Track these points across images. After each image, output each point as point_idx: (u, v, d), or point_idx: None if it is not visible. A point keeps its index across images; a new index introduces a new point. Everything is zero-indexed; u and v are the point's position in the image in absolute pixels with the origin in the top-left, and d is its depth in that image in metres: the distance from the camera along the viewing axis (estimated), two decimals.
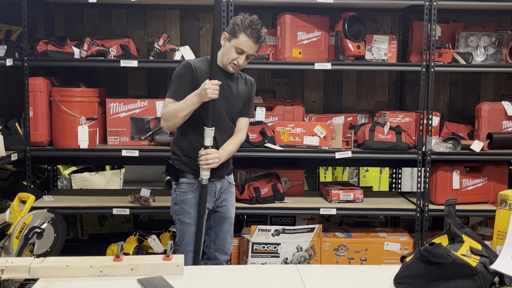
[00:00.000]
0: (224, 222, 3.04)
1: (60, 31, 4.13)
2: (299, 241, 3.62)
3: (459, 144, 3.70)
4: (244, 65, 2.87)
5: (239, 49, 2.79)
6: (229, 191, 3.05)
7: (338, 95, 4.32)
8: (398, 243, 3.72)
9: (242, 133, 3.01)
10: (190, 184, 2.91)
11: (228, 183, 3.05)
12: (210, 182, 2.90)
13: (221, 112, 2.88)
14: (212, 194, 2.95)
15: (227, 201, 3.04)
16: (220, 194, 3.01)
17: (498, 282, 1.81)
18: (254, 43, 2.79)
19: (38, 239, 3.20)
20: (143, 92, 4.23)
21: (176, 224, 2.96)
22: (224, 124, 2.91)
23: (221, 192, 3.01)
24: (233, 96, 2.92)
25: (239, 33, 2.78)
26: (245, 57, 2.81)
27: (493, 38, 3.94)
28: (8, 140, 3.51)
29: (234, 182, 3.13)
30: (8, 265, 1.90)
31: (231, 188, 3.08)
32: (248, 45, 2.78)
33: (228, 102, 2.90)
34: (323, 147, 3.66)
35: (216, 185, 2.98)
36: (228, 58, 2.83)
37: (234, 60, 2.81)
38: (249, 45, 2.78)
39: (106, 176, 5.02)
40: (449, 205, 1.98)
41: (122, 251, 1.98)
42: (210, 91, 2.70)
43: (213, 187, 2.95)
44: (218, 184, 2.98)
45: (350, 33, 3.65)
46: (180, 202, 2.92)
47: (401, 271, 1.82)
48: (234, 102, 2.93)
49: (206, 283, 1.93)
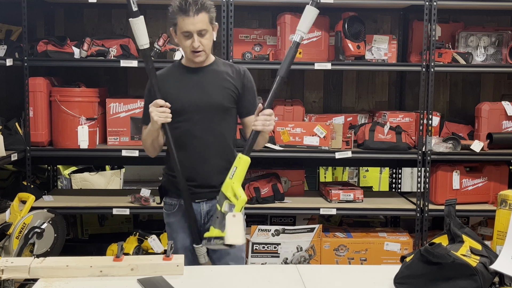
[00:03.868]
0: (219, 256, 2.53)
1: (60, 31, 4.13)
2: (299, 241, 3.62)
3: (459, 144, 3.70)
4: (207, 45, 2.46)
5: (185, 32, 2.42)
6: None
7: (338, 95, 4.32)
8: (398, 243, 3.72)
9: None
10: (171, 206, 2.58)
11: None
12: (194, 203, 2.53)
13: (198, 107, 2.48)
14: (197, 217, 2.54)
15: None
16: (209, 219, 2.53)
17: (498, 282, 1.81)
18: (192, 16, 2.38)
19: (38, 239, 3.20)
20: (143, 92, 4.20)
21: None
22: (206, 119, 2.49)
23: (209, 216, 2.54)
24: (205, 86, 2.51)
25: (175, 19, 2.43)
26: (196, 37, 2.41)
27: (493, 38, 3.94)
28: (8, 140, 3.51)
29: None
30: (8, 265, 1.90)
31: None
32: (187, 22, 2.39)
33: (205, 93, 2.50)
34: (323, 147, 3.66)
35: (202, 207, 2.55)
36: (184, 50, 2.49)
37: (189, 47, 2.43)
38: (189, 21, 2.39)
39: (106, 176, 5.01)
40: (449, 205, 1.98)
41: (122, 251, 1.98)
42: (153, 115, 2.39)
43: (198, 209, 2.54)
44: (204, 206, 2.55)
45: (350, 33, 3.65)
46: (166, 225, 2.63)
47: (401, 271, 1.83)
48: (215, 91, 2.51)
49: (206, 283, 1.93)
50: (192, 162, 2.51)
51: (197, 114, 2.49)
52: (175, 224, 2.58)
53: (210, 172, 2.52)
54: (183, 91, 2.51)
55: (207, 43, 2.46)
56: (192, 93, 2.50)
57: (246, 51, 3.86)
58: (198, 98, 2.49)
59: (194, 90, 2.50)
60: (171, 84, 2.54)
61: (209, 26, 2.45)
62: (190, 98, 2.50)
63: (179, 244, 2.54)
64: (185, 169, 2.50)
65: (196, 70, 2.54)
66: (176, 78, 2.55)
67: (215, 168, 2.52)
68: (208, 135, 2.51)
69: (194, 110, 2.49)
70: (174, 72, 2.58)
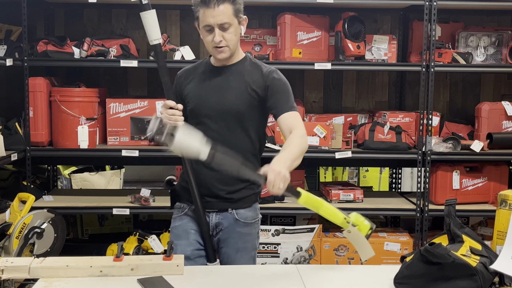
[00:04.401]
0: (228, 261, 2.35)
1: (60, 31, 4.13)
2: (299, 241, 3.62)
3: (459, 144, 3.70)
4: (231, 40, 2.24)
5: (206, 26, 2.22)
6: (234, 231, 2.33)
7: (338, 95, 4.32)
8: (398, 243, 3.72)
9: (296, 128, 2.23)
10: (180, 209, 2.41)
11: (234, 220, 2.33)
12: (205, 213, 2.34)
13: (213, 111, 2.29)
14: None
15: (226, 243, 2.33)
16: (218, 232, 2.35)
17: (498, 282, 1.81)
18: (213, 8, 2.17)
19: (38, 239, 3.20)
20: (143, 92, 4.23)
21: None
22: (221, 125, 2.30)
23: (219, 229, 2.34)
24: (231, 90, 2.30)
25: (197, 12, 2.24)
26: (218, 31, 2.21)
27: (493, 38, 3.94)
28: (8, 140, 3.51)
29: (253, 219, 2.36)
30: (8, 265, 1.90)
31: (240, 227, 2.33)
32: (208, 14, 2.19)
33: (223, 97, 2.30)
34: (323, 147, 3.66)
35: (212, 218, 2.34)
36: (207, 46, 2.28)
37: (211, 42, 2.24)
38: (209, 13, 2.19)
39: (106, 176, 5.01)
40: (449, 205, 1.98)
41: (122, 251, 1.98)
42: (163, 116, 2.18)
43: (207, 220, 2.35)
44: (214, 217, 2.34)
45: (350, 33, 3.65)
46: (171, 229, 2.43)
47: (401, 271, 1.83)
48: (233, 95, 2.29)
49: (206, 283, 1.93)
50: (202, 169, 2.30)
51: (211, 118, 2.29)
52: (179, 229, 2.36)
53: (221, 181, 2.30)
54: (202, 92, 2.33)
55: (231, 38, 2.23)
56: (210, 97, 2.30)
57: (246, 51, 3.84)
58: (215, 103, 2.29)
59: (212, 93, 2.31)
60: (193, 82, 2.37)
61: (233, 19, 2.22)
62: (207, 101, 2.31)
63: (179, 251, 2.27)
64: (196, 175, 2.33)
65: (219, 70, 2.34)
66: (199, 77, 2.37)
67: (226, 178, 2.27)
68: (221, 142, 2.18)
69: (209, 115, 2.30)
70: (200, 70, 2.39)
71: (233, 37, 2.24)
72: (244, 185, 2.33)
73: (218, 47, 2.24)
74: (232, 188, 2.31)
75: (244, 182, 2.31)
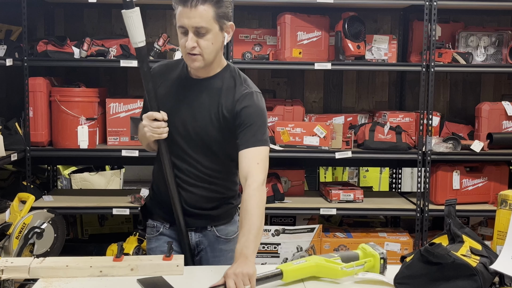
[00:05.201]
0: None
1: (60, 31, 4.13)
2: (299, 241, 3.62)
3: (459, 144, 3.70)
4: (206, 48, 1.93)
5: (181, 28, 1.93)
6: (216, 249, 2.14)
7: (338, 95, 4.32)
8: (398, 243, 3.72)
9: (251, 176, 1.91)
10: (153, 229, 2.18)
11: (215, 237, 2.13)
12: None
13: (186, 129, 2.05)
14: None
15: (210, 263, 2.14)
16: (200, 251, 2.16)
17: (498, 282, 1.81)
18: (189, 8, 1.88)
19: (38, 239, 3.20)
20: (143, 92, 4.19)
21: None
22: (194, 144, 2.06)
23: (200, 248, 2.15)
24: (201, 109, 2.03)
25: (176, 9, 1.95)
26: (192, 35, 1.91)
27: (493, 38, 3.94)
28: (8, 140, 3.51)
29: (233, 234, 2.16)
30: (8, 265, 1.90)
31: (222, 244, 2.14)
32: (184, 14, 1.90)
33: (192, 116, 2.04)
34: (323, 147, 3.66)
35: (191, 236, 2.14)
36: (181, 50, 1.99)
37: (183, 47, 1.95)
38: (185, 13, 1.89)
39: (106, 176, 5.01)
40: (449, 205, 1.98)
41: (122, 251, 1.97)
42: (147, 130, 1.99)
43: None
44: (194, 236, 2.14)
45: (350, 33, 3.65)
46: (148, 251, 2.21)
47: (401, 271, 1.82)
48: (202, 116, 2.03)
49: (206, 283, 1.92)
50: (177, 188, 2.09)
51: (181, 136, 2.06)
52: (157, 251, 2.15)
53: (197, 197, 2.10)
54: (173, 105, 2.07)
55: (207, 46, 1.93)
56: (180, 113, 2.05)
57: (246, 51, 3.86)
58: (184, 122, 2.05)
59: (183, 110, 2.05)
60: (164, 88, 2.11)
61: (212, 24, 1.92)
62: (177, 116, 2.05)
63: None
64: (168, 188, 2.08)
65: (194, 83, 2.06)
66: (172, 84, 2.11)
67: (199, 197, 2.09)
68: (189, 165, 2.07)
69: (178, 132, 2.06)
70: (175, 73, 2.11)
71: (209, 45, 1.93)
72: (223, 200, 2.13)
73: (191, 53, 1.94)
74: (210, 205, 2.11)
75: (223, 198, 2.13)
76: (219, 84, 2.04)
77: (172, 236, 2.16)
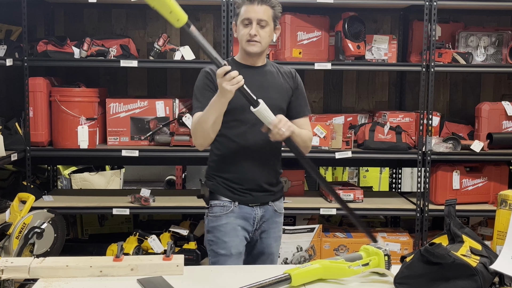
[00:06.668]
0: (262, 258, 2.56)
1: (60, 31, 4.13)
2: (299, 241, 3.62)
3: (459, 144, 3.70)
4: (264, 38, 2.40)
5: (245, 20, 2.39)
6: (273, 221, 2.55)
7: (338, 95, 4.32)
8: (398, 243, 3.72)
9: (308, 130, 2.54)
10: (224, 207, 2.47)
11: (273, 211, 2.54)
12: (248, 207, 2.48)
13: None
14: (250, 222, 2.49)
15: (268, 234, 2.54)
16: (261, 224, 2.52)
17: (498, 282, 1.81)
18: (256, 5, 2.38)
19: (38, 239, 3.20)
20: (143, 92, 4.23)
21: (209, 256, 2.53)
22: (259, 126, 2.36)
23: (262, 221, 2.52)
24: (267, 88, 2.45)
25: (240, 8, 2.42)
26: (255, 25, 2.37)
27: (493, 38, 3.94)
28: (8, 140, 3.51)
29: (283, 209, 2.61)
30: (8, 265, 1.90)
31: (277, 217, 2.57)
32: (250, 9, 2.38)
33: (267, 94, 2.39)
34: (323, 147, 3.66)
35: (256, 211, 2.50)
36: (241, 39, 2.41)
37: (246, 35, 2.39)
38: (252, 9, 2.37)
39: (106, 176, 5.01)
40: (449, 205, 1.98)
41: (122, 251, 1.98)
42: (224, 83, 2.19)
43: (252, 214, 2.49)
44: (258, 210, 2.51)
45: (350, 33, 3.65)
46: (213, 230, 2.49)
47: (401, 271, 1.82)
48: (276, 93, 2.46)
49: (206, 283, 1.93)
50: (245, 165, 2.46)
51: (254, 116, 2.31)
52: (228, 226, 2.46)
53: (263, 176, 2.49)
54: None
55: (265, 36, 2.41)
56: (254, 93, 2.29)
57: None
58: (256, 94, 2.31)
59: (256, 91, 2.32)
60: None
61: (270, 21, 2.42)
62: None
63: (233, 250, 2.46)
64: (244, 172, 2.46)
65: (254, 69, 2.48)
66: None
67: (268, 172, 2.51)
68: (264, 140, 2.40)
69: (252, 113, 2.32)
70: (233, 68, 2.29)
71: (266, 36, 2.41)
72: (279, 178, 2.57)
73: (251, 40, 2.38)
74: (272, 182, 2.53)
75: (279, 173, 2.57)
76: (273, 69, 2.53)
77: (241, 213, 2.48)
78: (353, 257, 1.94)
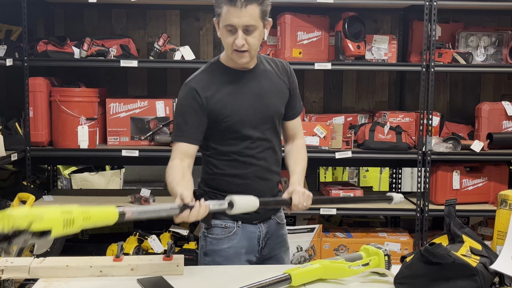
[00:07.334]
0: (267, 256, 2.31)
1: (60, 31, 4.13)
2: (299, 241, 3.62)
3: (459, 144, 3.70)
4: (253, 45, 2.04)
5: (228, 26, 2.01)
6: (278, 235, 2.31)
7: (338, 95, 4.32)
8: (398, 243, 3.72)
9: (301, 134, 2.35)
10: (226, 229, 2.19)
11: (276, 224, 2.31)
12: (252, 225, 2.22)
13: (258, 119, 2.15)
14: (254, 242, 2.24)
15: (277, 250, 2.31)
16: (267, 241, 2.27)
17: (498, 282, 1.81)
18: (240, 8, 1.97)
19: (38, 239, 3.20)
20: (143, 92, 4.23)
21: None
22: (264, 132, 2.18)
23: (267, 238, 2.27)
24: (266, 94, 2.17)
25: (220, 8, 2.02)
26: (241, 34, 2.00)
27: (493, 38, 3.94)
28: (8, 140, 3.51)
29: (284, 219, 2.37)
30: (8, 265, 1.90)
31: (281, 229, 2.33)
32: (233, 14, 1.98)
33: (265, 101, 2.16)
34: (323, 147, 3.66)
35: (260, 228, 2.25)
36: (226, 47, 2.08)
37: (232, 44, 2.03)
38: (235, 13, 1.98)
39: (106, 176, 5.01)
40: (449, 205, 1.98)
41: (122, 251, 1.98)
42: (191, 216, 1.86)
43: (256, 232, 2.23)
44: (263, 227, 2.25)
45: (350, 33, 3.65)
46: (212, 253, 2.20)
47: (401, 271, 1.82)
48: (270, 101, 2.18)
49: (206, 283, 1.93)
50: (248, 182, 2.19)
51: (256, 128, 2.15)
52: (231, 250, 2.19)
53: (268, 189, 2.25)
54: (243, 103, 2.13)
55: (254, 43, 2.04)
56: (252, 103, 2.12)
57: None
58: (261, 111, 2.14)
59: (253, 99, 2.13)
60: (221, 93, 2.11)
61: (259, 22, 2.02)
62: (251, 109, 2.13)
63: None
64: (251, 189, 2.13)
65: (246, 74, 2.15)
66: (224, 85, 2.12)
67: (272, 185, 2.27)
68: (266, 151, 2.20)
69: (254, 125, 2.14)
70: (217, 76, 2.13)
71: (256, 42, 2.05)
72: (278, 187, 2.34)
73: (239, 50, 2.04)
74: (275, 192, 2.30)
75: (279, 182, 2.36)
76: (267, 67, 2.22)
77: (244, 233, 2.23)
78: (353, 257, 1.94)
